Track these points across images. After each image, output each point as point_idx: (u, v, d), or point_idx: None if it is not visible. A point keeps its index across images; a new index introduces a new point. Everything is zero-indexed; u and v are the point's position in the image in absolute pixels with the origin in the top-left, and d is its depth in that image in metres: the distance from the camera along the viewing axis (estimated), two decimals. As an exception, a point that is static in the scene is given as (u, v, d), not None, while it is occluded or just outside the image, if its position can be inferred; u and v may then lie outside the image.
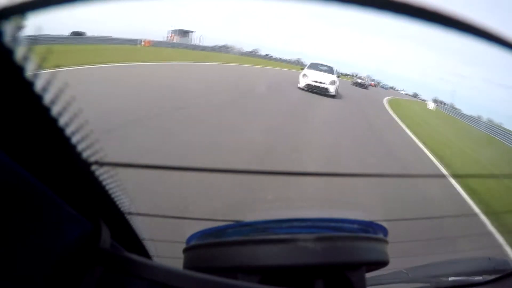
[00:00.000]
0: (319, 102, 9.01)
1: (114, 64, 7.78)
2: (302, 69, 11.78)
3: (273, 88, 10.24)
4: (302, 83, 10.63)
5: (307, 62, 12.49)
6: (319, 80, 10.50)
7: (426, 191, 3.69)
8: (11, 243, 0.23)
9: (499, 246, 2.77)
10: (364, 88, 22.14)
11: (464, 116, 18.60)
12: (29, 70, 0.19)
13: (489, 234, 2.99)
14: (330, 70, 11.61)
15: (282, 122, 5.45)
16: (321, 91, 10.31)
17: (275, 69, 18.41)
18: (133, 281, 0.41)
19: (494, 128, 14.07)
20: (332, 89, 10.49)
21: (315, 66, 11.71)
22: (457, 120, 17.62)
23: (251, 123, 5.00)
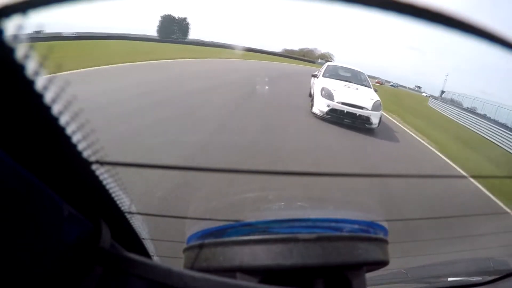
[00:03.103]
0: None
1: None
2: (315, 76, 6.73)
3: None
4: (321, 105, 5.48)
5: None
6: (353, 102, 5.48)
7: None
8: (11, 242, 0.23)
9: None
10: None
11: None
12: (31, 68, 0.19)
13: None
14: (362, 80, 6.73)
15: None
16: (355, 122, 5.42)
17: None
18: (133, 281, 0.41)
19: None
20: (375, 119, 5.50)
21: (335, 72, 6.74)
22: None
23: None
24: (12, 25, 0.18)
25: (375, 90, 6.50)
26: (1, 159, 0.21)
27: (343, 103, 5.45)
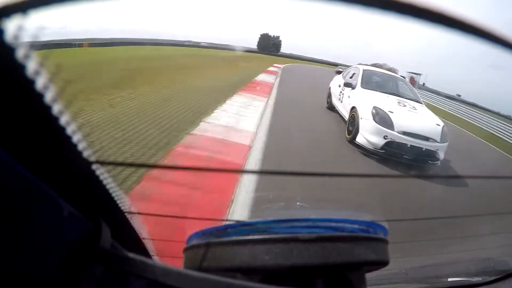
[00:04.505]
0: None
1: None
2: (349, 86, 4.75)
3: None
4: (373, 136, 3.72)
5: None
6: (418, 131, 3.69)
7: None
8: (11, 242, 0.23)
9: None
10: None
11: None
12: (30, 69, 0.19)
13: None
14: (407, 91, 4.92)
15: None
16: (417, 160, 3.69)
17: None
18: (133, 280, 0.41)
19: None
20: (442, 153, 3.85)
21: (375, 80, 4.87)
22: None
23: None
24: (12, 25, 0.18)
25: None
26: (2, 159, 0.21)
27: (405, 133, 3.60)
